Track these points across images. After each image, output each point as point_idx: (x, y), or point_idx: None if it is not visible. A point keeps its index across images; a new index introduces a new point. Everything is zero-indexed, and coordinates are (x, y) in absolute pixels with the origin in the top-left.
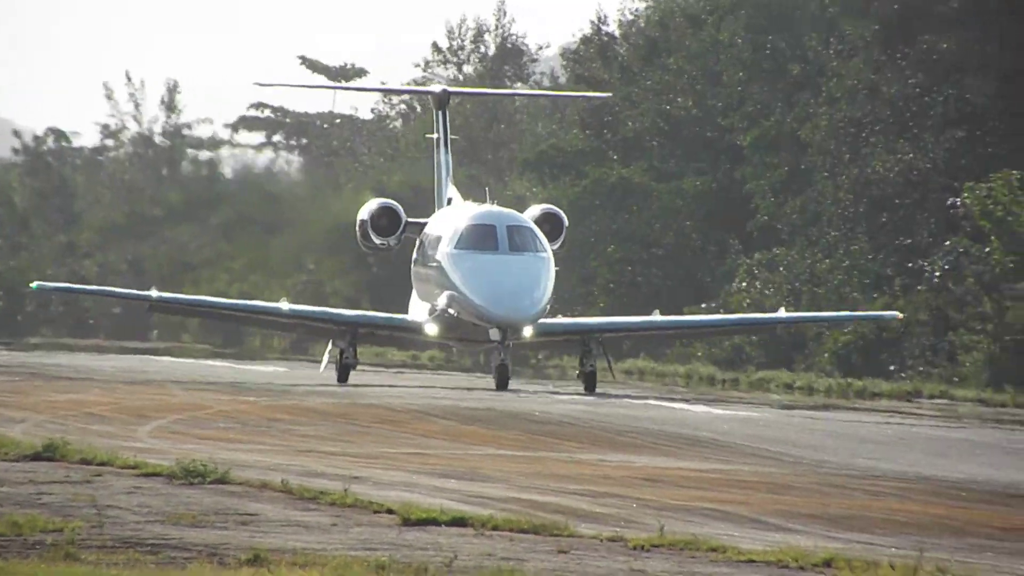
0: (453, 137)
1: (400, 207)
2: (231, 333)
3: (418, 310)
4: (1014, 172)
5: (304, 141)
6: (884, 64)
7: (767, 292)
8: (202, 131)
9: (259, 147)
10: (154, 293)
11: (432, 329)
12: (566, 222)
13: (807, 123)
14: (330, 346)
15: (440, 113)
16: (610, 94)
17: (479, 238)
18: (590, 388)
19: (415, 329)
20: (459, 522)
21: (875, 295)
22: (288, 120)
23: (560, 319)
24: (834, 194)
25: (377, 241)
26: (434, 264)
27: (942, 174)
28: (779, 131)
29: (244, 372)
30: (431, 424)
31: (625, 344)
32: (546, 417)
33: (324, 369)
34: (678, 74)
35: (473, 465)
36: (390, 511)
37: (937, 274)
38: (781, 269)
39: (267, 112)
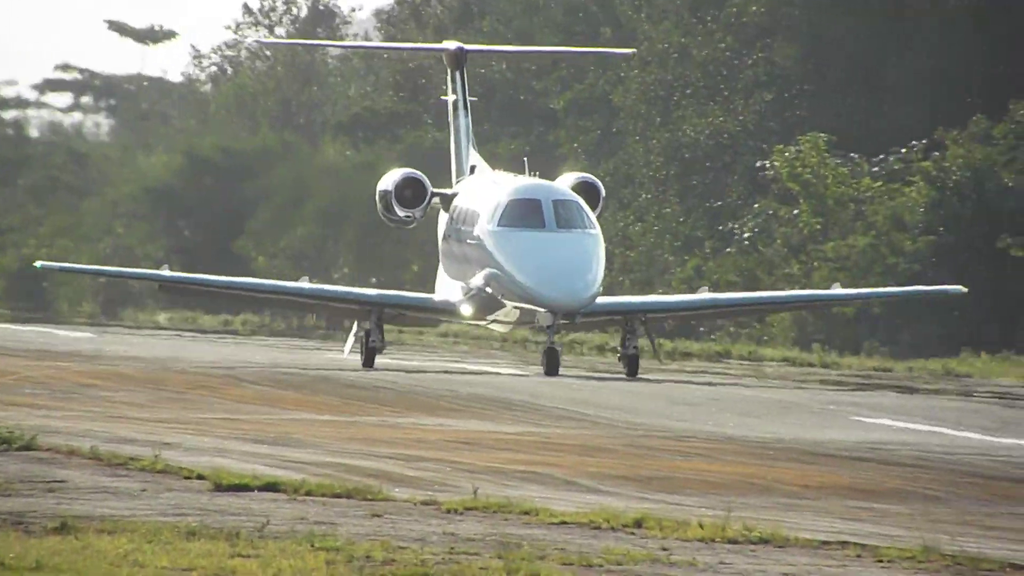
0: (472, 99)
1: (425, 177)
2: (39, 297)
3: (449, 289)
4: (821, 135)
5: (112, 103)
6: (694, 28)
7: None
8: (6, 92)
9: (67, 109)
10: (166, 272)
11: (467, 310)
12: (603, 192)
13: (619, 86)
14: (355, 328)
15: (457, 73)
16: (634, 50)
17: (524, 214)
18: (632, 372)
19: (448, 310)
20: (271, 487)
21: (686, 257)
22: (97, 82)
23: (602, 298)
24: (645, 157)
25: (401, 214)
26: (472, 242)
27: (751, 137)
28: (591, 94)
29: (54, 337)
30: (245, 389)
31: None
32: (362, 382)
33: (348, 353)
34: (492, 36)
35: (286, 430)
36: (201, 477)
37: (746, 236)
38: None
39: (74, 74)
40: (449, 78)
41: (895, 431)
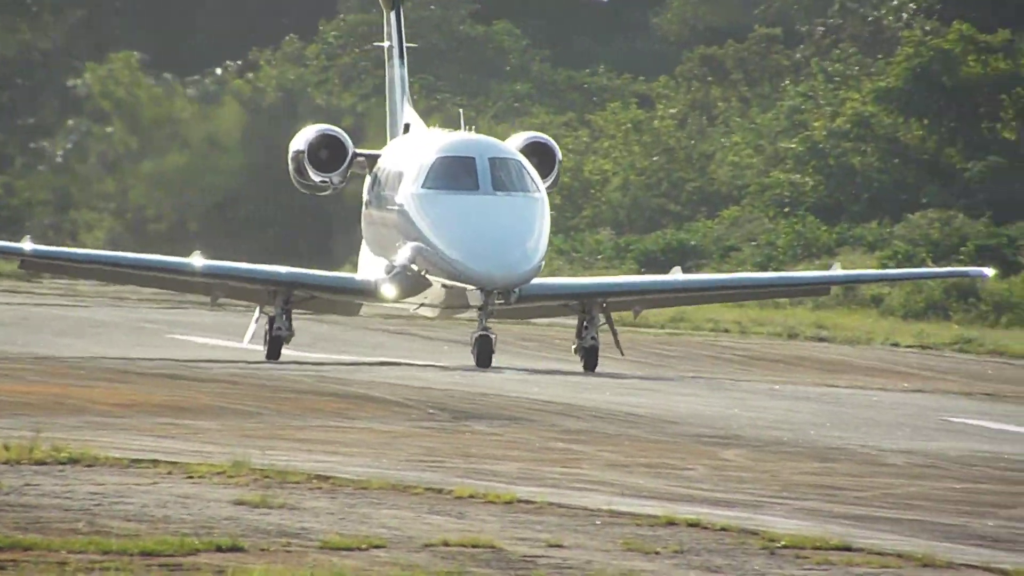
0: (410, 45)
1: (346, 135)
2: None
3: (371, 267)
4: (134, 53)
5: None
6: None
7: None
8: None
9: None
10: (28, 246)
11: (390, 291)
12: (559, 155)
13: None
14: (257, 313)
15: (393, 14)
16: None
17: (454, 174)
18: (591, 367)
19: (368, 291)
20: None
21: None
22: None
23: (554, 279)
24: None
25: (316, 178)
26: (393, 208)
27: (62, 54)
28: None
29: None
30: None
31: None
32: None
33: (249, 341)
34: None
35: None
36: None
37: (59, 154)
38: None
39: None
40: (384, 21)
41: (209, 348)
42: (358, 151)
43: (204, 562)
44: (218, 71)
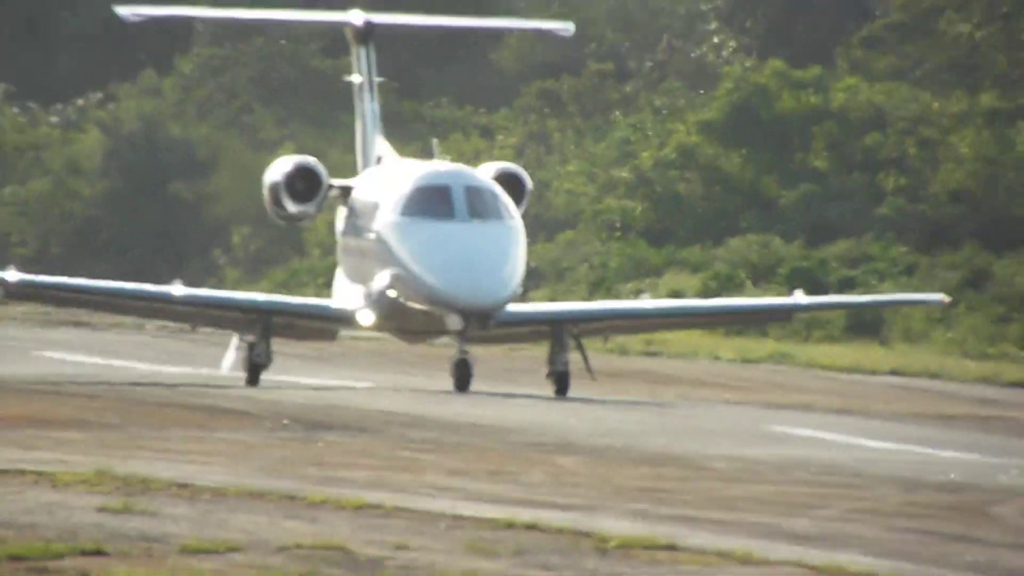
0: (380, 79)
1: (321, 166)
2: None
3: (348, 295)
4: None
5: None
6: None
7: None
8: None
9: None
10: (10, 276)
11: (367, 318)
12: (529, 185)
13: None
14: (235, 340)
15: (363, 49)
16: (570, 25)
17: (430, 202)
18: (562, 391)
19: (345, 319)
20: None
21: None
22: None
23: (527, 306)
24: None
25: (292, 210)
26: (371, 236)
27: None
28: None
29: None
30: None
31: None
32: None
33: (229, 369)
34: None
35: None
36: None
37: None
38: None
39: None
40: (354, 55)
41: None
42: (332, 182)
43: (69, 566)
44: (80, 101)
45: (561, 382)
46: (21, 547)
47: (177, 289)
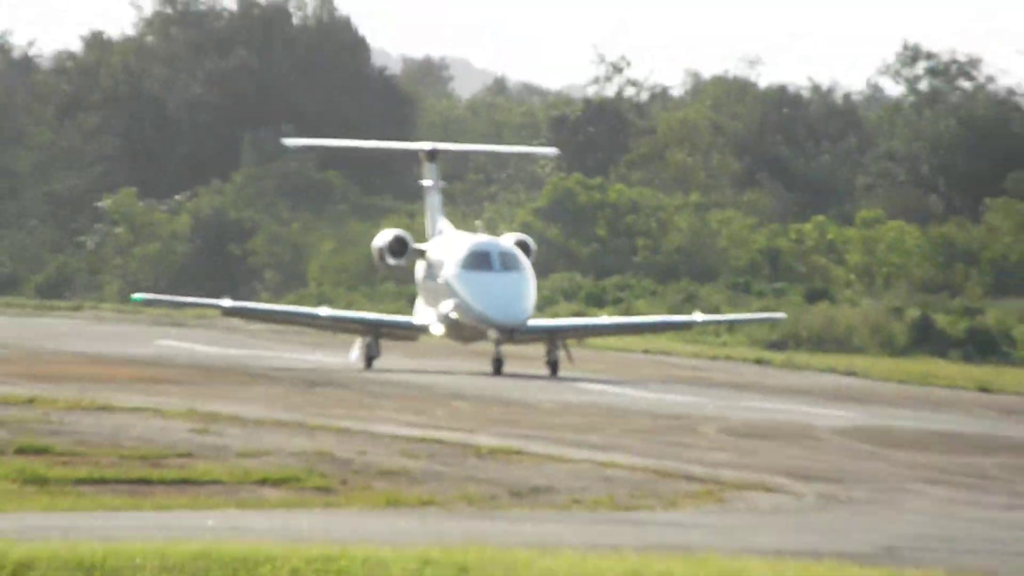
0: (441, 183)
1: (409, 235)
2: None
3: (424, 315)
4: None
5: None
6: None
7: None
8: None
9: None
10: (225, 303)
11: (438, 330)
12: (533, 247)
13: None
14: (359, 340)
15: (431, 164)
16: (556, 150)
17: (478, 261)
18: (554, 372)
19: (424, 330)
20: None
21: None
22: None
23: (532, 322)
24: None
25: (391, 262)
26: (440, 280)
27: None
28: None
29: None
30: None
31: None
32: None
33: (355, 359)
34: None
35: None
36: None
37: None
38: None
39: None
40: (424, 169)
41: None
42: (415, 246)
43: (172, 463)
44: (177, 197)
45: (554, 367)
46: (146, 451)
47: (323, 311)
